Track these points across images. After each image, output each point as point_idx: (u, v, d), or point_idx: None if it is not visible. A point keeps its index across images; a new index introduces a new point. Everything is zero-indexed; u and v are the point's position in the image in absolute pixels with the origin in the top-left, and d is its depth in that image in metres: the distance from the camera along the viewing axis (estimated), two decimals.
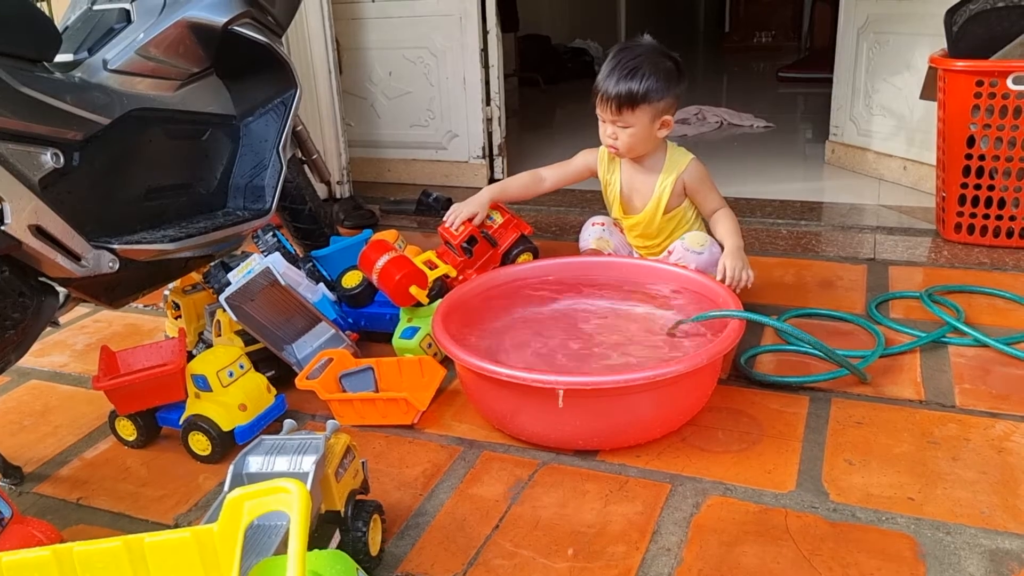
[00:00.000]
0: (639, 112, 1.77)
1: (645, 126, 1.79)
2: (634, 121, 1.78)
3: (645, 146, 1.85)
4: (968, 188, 2.25)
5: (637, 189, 1.94)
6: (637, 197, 1.94)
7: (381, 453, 1.47)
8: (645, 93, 1.74)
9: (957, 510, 1.23)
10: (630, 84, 1.74)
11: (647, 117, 1.78)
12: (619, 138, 1.82)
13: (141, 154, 1.62)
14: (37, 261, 1.35)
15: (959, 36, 2.17)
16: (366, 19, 3.24)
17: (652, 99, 1.76)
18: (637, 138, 1.81)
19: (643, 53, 1.78)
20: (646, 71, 1.74)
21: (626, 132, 1.80)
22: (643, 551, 1.18)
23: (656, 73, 1.75)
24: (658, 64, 1.76)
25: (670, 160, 1.89)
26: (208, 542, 0.88)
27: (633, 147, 1.84)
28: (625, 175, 1.95)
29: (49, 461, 1.53)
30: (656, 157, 1.90)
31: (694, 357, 1.36)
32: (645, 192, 1.92)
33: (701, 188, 1.90)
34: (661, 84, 1.75)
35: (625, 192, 1.96)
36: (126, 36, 1.62)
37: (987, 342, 1.68)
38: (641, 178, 1.93)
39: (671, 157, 1.90)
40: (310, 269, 1.94)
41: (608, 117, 1.81)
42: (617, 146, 1.84)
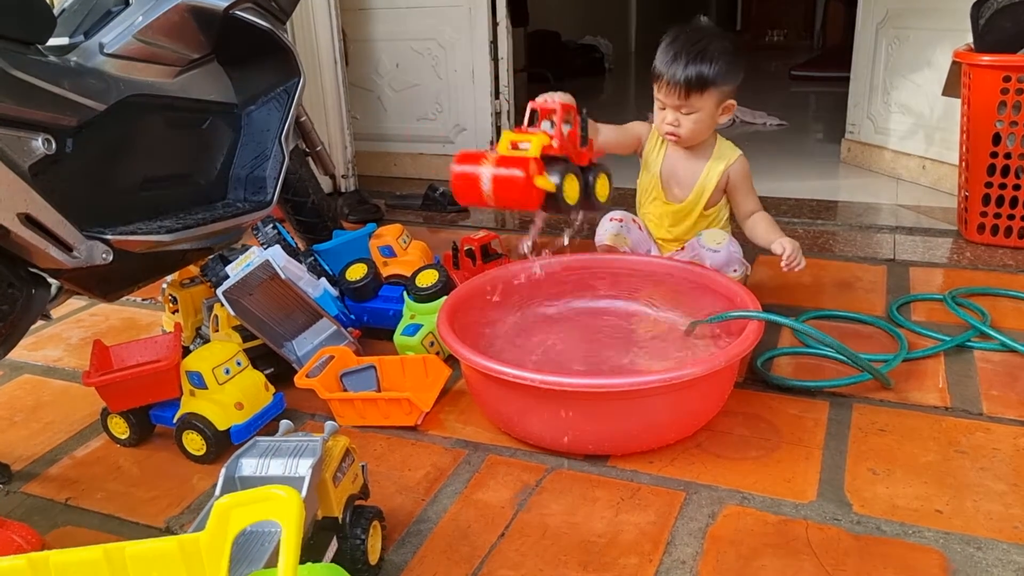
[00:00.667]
0: (707, 96, 1.71)
1: (711, 111, 1.73)
2: (701, 105, 1.72)
3: (707, 132, 1.79)
4: (992, 187, 2.18)
5: (678, 177, 1.85)
6: (676, 184, 1.86)
7: (382, 456, 1.41)
8: (715, 76, 1.68)
9: (988, 524, 1.17)
10: (700, 67, 1.67)
11: (714, 101, 1.72)
12: (681, 125, 1.75)
13: (138, 142, 1.56)
14: (27, 251, 1.30)
15: (985, 30, 2.10)
16: (374, 9, 3.18)
17: (720, 82, 1.70)
18: (702, 124, 1.75)
19: (707, 35, 1.72)
20: (714, 53, 1.68)
21: (691, 118, 1.73)
22: (656, 563, 1.12)
23: (724, 54, 1.69)
24: (723, 46, 1.70)
25: (719, 151, 1.82)
26: (194, 551, 0.82)
27: (696, 134, 1.77)
28: (669, 160, 1.86)
29: (39, 459, 1.48)
30: (705, 146, 1.83)
31: (711, 359, 1.30)
32: (686, 180, 1.84)
33: (743, 186, 1.83)
34: (729, 66, 1.70)
35: (664, 176, 1.87)
36: (124, 19, 1.57)
37: (1015, 347, 1.62)
38: (685, 164, 1.84)
39: (720, 147, 1.83)
40: (312, 263, 1.89)
41: (673, 103, 1.73)
42: (679, 133, 1.76)
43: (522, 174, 1.27)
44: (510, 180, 1.28)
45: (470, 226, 2.71)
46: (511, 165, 1.28)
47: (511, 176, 1.28)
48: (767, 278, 2.09)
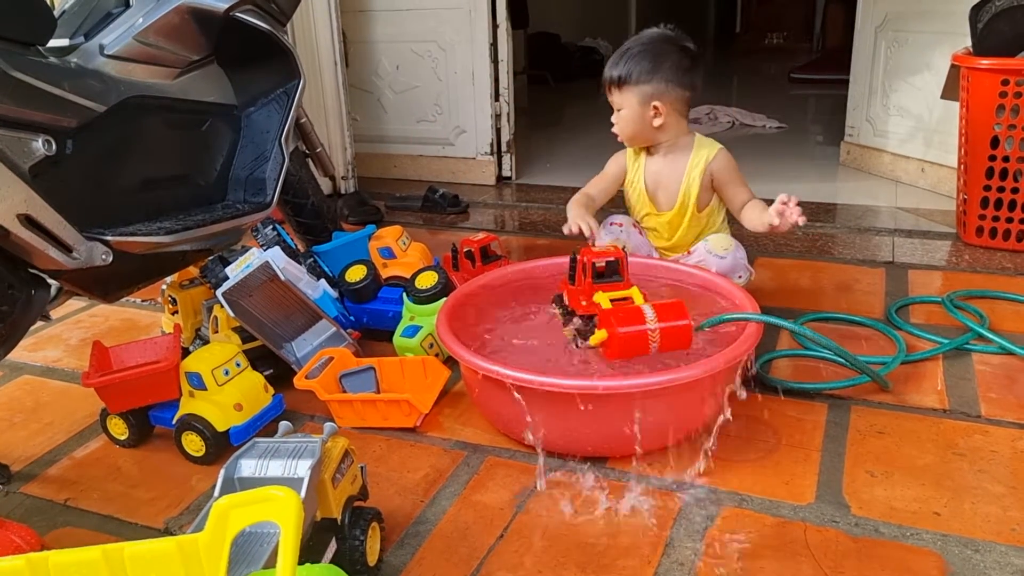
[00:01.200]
0: (626, 93, 1.78)
1: (635, 110, 1.78)
2: (623, 103, 1.79)
3: (642, 133, 1.82)
4: (991, 190, 2.19)
5: (662, 184, 1.87)
6: (663, 193, 1.87)
7: (381, 457, 1.41)
8: (627, 74, 1.76)
9: (986, 526, 1.17)
10: (616, 64, 1.78)
11: (635, 100, 1.77)
12: (616, 123, 1.83)
13: (138, 143, 1.56)
14: (27, 252, 1.30)
15: (984, 33, 2.11)
16: (374, 11, 3.19)
17: (636, 81, 1.76)
18: (627, 121, 1.81)
19: (643, 39, 1.80)
20: (634, 53, 1.76)
21: (619, 115, 1.82)
22: (655, 565, 1.12)
23: (645, 56, 1.75)
24: (653, 49, 1.76)
25: (697, 151, 1.83)
26: (193, 552, 0.82)
27: (626, 132, 1.83)
28: (650, 169, 1.89)
29: (38, 460, 1.48)
30: (682, 149, 1.84)
31: (710, 361, 1.30)
32: (671, 186, 1.85)
33: (730, 179, 1.83)
34: (646, 66, 1.75)
35: (650, 187, 1.89)
36: (124, 21, 1.57)
37: (1014, 350, 1.62)
38: (667, 171, 1.86)
39: (698, 148, 1.84)
40: (311, 265, 1.89)
41: (609, 99, 1.84)
42: (615, 131, 1.85)
43: (688, 323, 1.36)
44: (680, 329, 1.36)
45: (470, 228, 2.71)
46: (672, 316, 1.36)
47: (680, 326, 1.36)
48: (766, 279, 2.10)
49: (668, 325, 1.34)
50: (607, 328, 1.37)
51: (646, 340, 1.34)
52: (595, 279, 1.51)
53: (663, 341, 1.34)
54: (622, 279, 1.51)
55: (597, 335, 1.38)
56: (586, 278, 1.51)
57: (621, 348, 1.35)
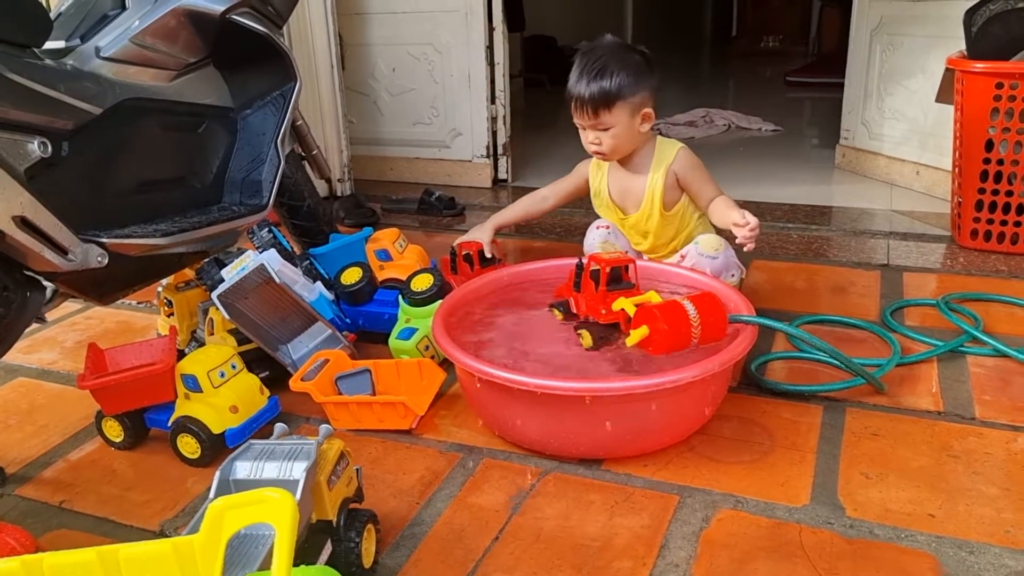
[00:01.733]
0: (616, 111, 1.73)
1: (626, 124, 1.75)
2: (613, 121, 1.74)
3: (631, 144, 1.80)
4: (985, 194, 2.19)
5: (628, 190, 1.88)
6: (629, 198, 1.89)
7: (377, 459, 1.41)
8: (619, 90, 1.70)
9: (980, 528, 1.17)
10: (601, 83, 1.70)
11: (626, 114, 1.74)
12: (603, 142, 1.77)
13: (134, 146, 1.56)
14: (22, 254, 1.30)
15: (978, 37, 2.12)
16: (370, 14, 3.19)
17: (626, 94, 1.71)
18: (621, 138, 1.77)
19: (607, 51, 1.74)
20: (614, 67, 1.70)
21: (608, 134, 1.76)
22: (650, 567, 1.13)
23: (625, 68, 1.71)
24: (624, 59, 1.72)
25: (658, 154, 1.83)
26: (188, 554, 0.82)
27: (618, 148, 1.79)
28: (613, 178, 1.90)
29: (33, 462, 1.47)
30: (644, 154, 1.84)
31: (705, 363, 1.30)
32: (636, 192, 1.86)
33: (694, 178, 1.82)
34: (632, 78, 1.71)
35: (615, 195, 1.90)
36: (120, 23, 1.57)
37: (1008, 352, 1.63)
38: (631, 179, 1.87)
39: (659, 151, 1.84)
40: (307, 267, 1.89)
41: (587, 122, 1.77)
42: (603, 151, 1.79)
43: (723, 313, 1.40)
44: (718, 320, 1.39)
45: (466, 230, 2.70)
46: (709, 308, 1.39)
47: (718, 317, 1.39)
48: (762, 282, 2.10)
49: (708, 317, 1.37)
50: (651, 324, 1.37)
51: (689, 333, 1.36)
52: (613, 285, 1.52)
53: (704, 332, 1.37)
54: (632, 285, 1.53)
55: (636, 334, 1.37)
56: (600, 286, 1.52)
57: (669, 343, 1.36)
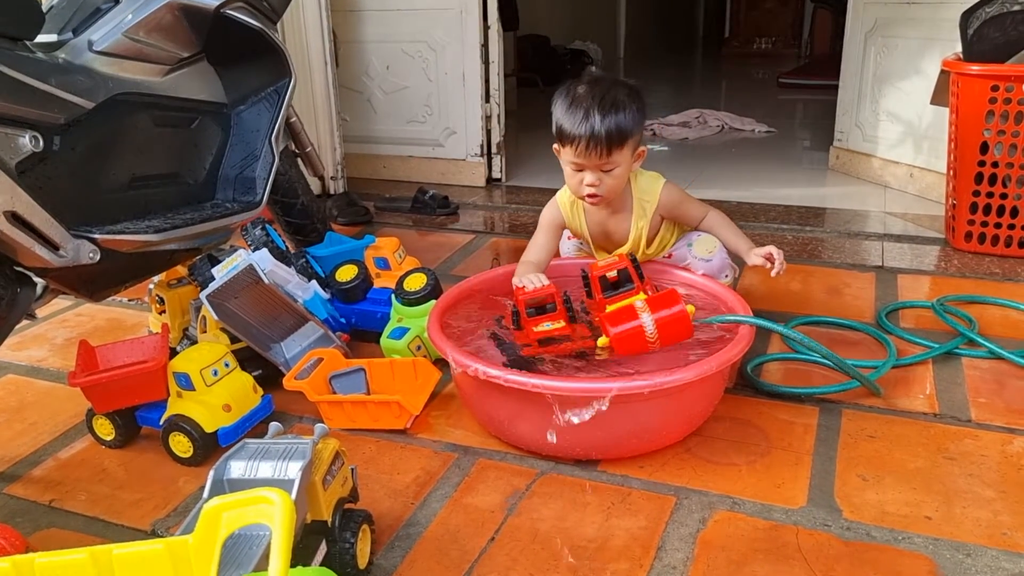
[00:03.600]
0: (626, 149, 1.57)
1: (627, 164, 1.60)
2: (621, 160, 1.57)
3: (624, 186, 1.66)
4: (980, 196, 2.20)
5: (611, 229, 1.75)
6: (612, 238, 1.77)
7: (371, 459, 1.40)
8: (632, 125, 1.55)
9: (977, 530, 1.17)
10: (617, 118, 1.53)
11: (630, 152, 1.59)
12: (602, 183, 1.58)
13: (126, 141, 1.55)
14: (12, 250, 1.28)
15: (974, 39, 2.12)
16: (364, 11, 3.17)
17: (636, 131, 1.57)
18: (621, 179, 1.61)
19: (610, 84, 1.58)
20: (624, 100, 1.55)
21: (611, 175, 1.58)
22: (647, 568, 1.12)
23: (634, 101, 1.56)
24: (623, 95, 1.56)
25: (639, 196, 1.70)
26: (182, 554, 0.81)
27: (616, 189, 1.62)
28: (593, 221, 1.74)
29: (22, 460, 1.45)
30: (624, 192, 1.69)
31: (702, 364, 1.30)
32: (620, 231, 1.74)
33: (680, 210, 1.74)
34: (640, 113, 1.57)
35: (597, 237, 1.77)
36: (113, 17, 1.55)
37: (1003, 354, 1.63)
38: (613, 220, 1.73)
39: (640, 192, 1.70)
40: (302, 265, 1.87)
41: (592, 163, 1.56)
42: (601, 193, 1.59)
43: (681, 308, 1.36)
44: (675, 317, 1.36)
45: (460, 229, 2.70)
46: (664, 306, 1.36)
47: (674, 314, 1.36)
48: (756, 283, 2.10)
49: (661, 315, 1.35)
50: (604, 332, 1.38)
51: (642, 334, 1.35)
52: (609, 292, 1.51)
53: (662, 332, 1.35)
54: (634, 286, 1.50)
55: (601, 341, 1.38)
56: (597, 293, 1.51)
57: (621, 346, 1.36)
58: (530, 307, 1.45)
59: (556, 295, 1.46)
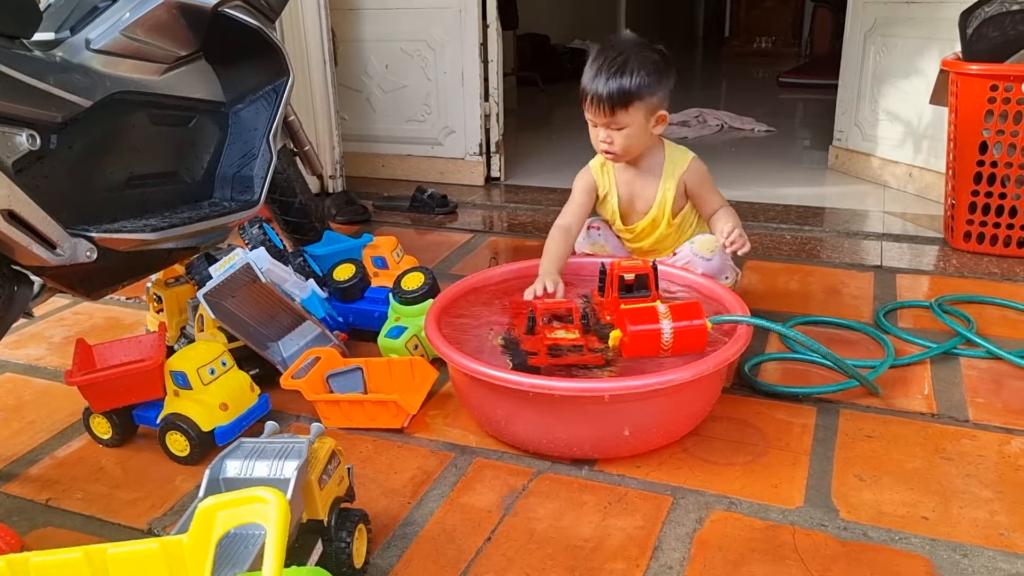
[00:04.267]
0: (633, 110, 1.67)
1: (640, 124, 1.69)
2: (629, 120, 1.68)
3: (642, 146, 1.75)
4: (979, 196, 2.19)
5: (637, 194, 1.83)
6: (639, 201, 1.84)
7: (368, 458, 1.40)
8: (638, 89, 1.64)
9: (974, 531, 1.17)
10: (620, 81, 1.64)
11: (641, 114, 1.68)
12: (615, 141, 1.71)
13: (124, 139, 1.55)
14: (9, 248, 1.28)
15: (973, 39, 2.12)
16: (363, 10, 3.17)
17: (645, 95, 1.66)
18: (634, 139, 1.71)
19: (627, 48, 1.68)
20: (634, 66, 1.64)
21: (621, 134, 1.70)
22: (643, 568, 1.12)
23: (645, 67, 1.65)
24: (645, 57, 1.66)
25: (669, 161, 1.79)
26: (177, 554, 0.81)
27: (630, 148, 1.73)
28: (622, 181, 1.83)
29: (19, 459, 1.45)
30: (654, 157, 1.80)
31: (699, 364, 1.30)
32: (647, 197, 1.82)
33: (702, 189, 1.80)
34: (652, 78, 1.65)
35: (624, 200, 1.85)
36: (111, 15, 1.55)
37: (1001, 355, 1.63)
38: (640, 182, 1.82)
39: (670, 157, 1.80)
40: (300, 264, 1.87)
41: (600, 120, 1.70)
42: (613, 150, 1.72)
43: (702, 323, 1.36)
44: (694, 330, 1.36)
45: (458, 228, 2.70)
46: (686, 317, 1.36)
47: (694, 327, 1.36)
48: (754, 283, 2.10)
49: (681, 325, 1.35)
50: (620, 327, 1.37)
51: (658, 338, 1.34)
52: (624, 293, 1.51)
53: (676, 341, 1.35)
54: (650, 293, 1.52)
55: (613, 335, 1.37)
56: (613, 292, 1.51)
57: (634, 346, 1.35)
58: (546, 315, 1.46)
59: (575, 310, 1.47)
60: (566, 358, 1.38)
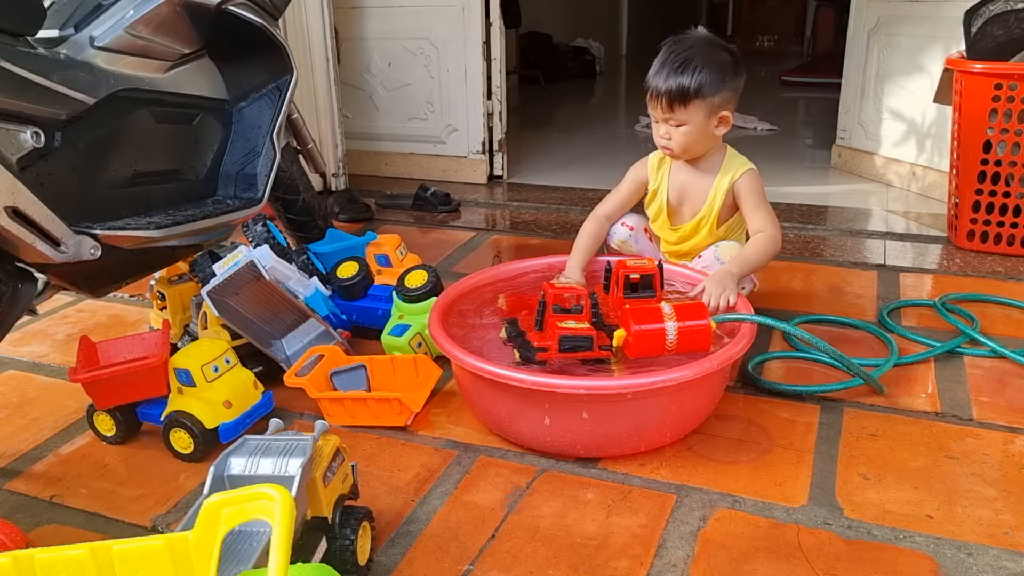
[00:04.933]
0: (692, 108, 1.64)
1: (700, 123, 1.66)
2: (687, 118, 1.65)
3: (703, 146, 1.71)
4: (983, 195, 2.19)
5: (688, 194, 1.79)
6: (687, 203, 1.80)
7: (372, 456, 1.40)
8: (698, 87, 1.62)
9: (978, 529, 1.17)
10: (681, 79, 1.62)
11: (702, 113, 1.65)
12: (673, 138, 1.68)
13: (128, 137, 1.54)
14: (13, 245, 1.28)
15: (977, 37, 2.11)
16: (366, 8, 3.17)
17: (706, 93, 1.62)
18: (693, 136, 1.67)
19: (695, 45, 1.66)
20: (698, 64, 1.62)
21: (680, 131, 1.67)
22: (647, 566, 1.12)
23: (709, 65, 1.62)
24: (711, 56, 1.64)
25: (726, 166, 1.75)
26: (182, 550, 0.81)
27: (689, 147, 1.70)
28: (675, 178, 1.80)
29: (23, 456, 1.45)
30: (713, 159, 1.76)
31: (703, 362, 1.30)
32: (697, 197, 1.78)
33: (749, 200, 1.73)
34: (715, 76, 1.63)
35: (673, 198, 1.81)
36: (115, 13, 1.54)
37: (1005, 353, 1.62)
38: (694, 181, 1.78)
39: (728, 163, 1.75)
40: (303, 262, 1.87)
41: (660, 115, 1.68)
42: (671, 147, 1.70)
43: (706, 323, 1.36)
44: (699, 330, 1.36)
45: (461, 226, 2.70)
46: (691, 316, 1.36)
47: (699, 327, 1.35)
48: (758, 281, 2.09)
49: (686, 325, 1.34)
50: (625, 327, 1.36)
51: (663, 338, 1.34)
52: (628, 292, 1.51)
53: (681, 340, 1.34)
54: (655, 294, 1.51)
55: (618, 334, 1.37)
56: (618, 291, 1.51)
57: (639, 345, 1.35)
58: (556, 304, 1.45)
59: (585, 297, 1.47)
60: (576, 354, 1.37)
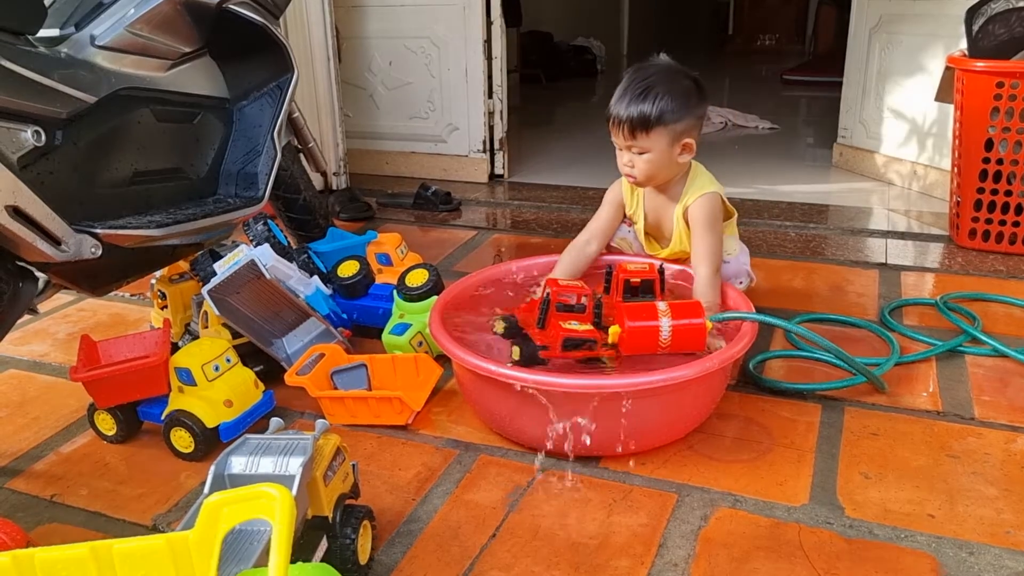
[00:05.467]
0: (654, 135, 1.61)
1: (663, 151, 1.62)
2: (650, 145, 1.62)
3: (667, 173, 1.68)
4: (985, 193, 2.19)
5: (662, 220, 1.78)
6: (663, 227, 1.79)
7: (373, 455, 1.40)
8: (660, 115, 1.58)
9: (980, 528, 1.17)
10: (642, 106, 1.59)
11: (664, 141, 1.61)
12: (636, 165, 1.65)
13: (128, 135, 1.54)
14: (14, 244, 1.28)
15: (979, 36, 2.11)
16: (367, 7, 3.17)
17: (667, 120, 1.59)
18: (656, 164, 1.64)
19: (657, 72, 1.63)
20: (660, 91, 1.59)
21: (643, 158, 1.64)
22: (648, 565, 1.12)
23: (671, 92, 1.59)
24: (673, 83, 1.61)
25: (687, 188, 1.72)
26: (183, 550, 0.81)
27: (652, 175, 1.66)
28: (649, 203, 1.78)
29: (24, 455, 1.45)
30: (677, 187, 1.73)
31: (704, 361, 1.30)
32: (668, 224, 1.77)
33: (696, 228, 1.68)
34: (677, 104, 1.59)
35: (651, 223, 1.80)
36: (115, 11, 1.54)
37: (1007, 352, 1.62)
38: (663, 207, 1.76)
39: (689, 185, 1.72)
40: (304, 261, 1.87)
41: (623, 143, 1.65)
42: (635, 175, 1.67)
43: (701, 322, 1.36)
44: (693, 328, 1.36)
45: (462, 225, 2.70)
46: (686, 315, 1.36)
47: (693, 325, 1.35)
48: (759, 280, 2.09)
49: (680, 323, 1.34)
50: (619, 323, 1.36)
51: (656, 335, 1.34)
52: (628, 296, 1.51)
53: (675, 338, 1.34)
54: (655, 298, 1.50)
55: (612, 330, 1.36)
56: (617, 295, 1.51)
57: (632, 342, 1.35)
58: (559, 303, 1.44)
59: (588, 295, 1.46)
60: (579, 352, 1.37)
